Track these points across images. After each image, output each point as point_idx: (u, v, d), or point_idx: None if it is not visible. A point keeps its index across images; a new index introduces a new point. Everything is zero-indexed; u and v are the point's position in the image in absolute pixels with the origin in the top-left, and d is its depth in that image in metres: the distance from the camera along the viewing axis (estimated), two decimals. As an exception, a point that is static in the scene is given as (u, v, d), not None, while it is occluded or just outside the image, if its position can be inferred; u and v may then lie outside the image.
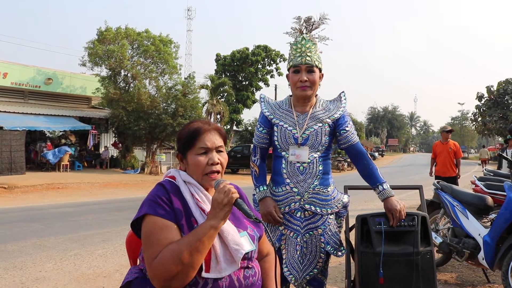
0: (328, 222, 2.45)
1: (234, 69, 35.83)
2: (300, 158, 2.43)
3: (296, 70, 2.45)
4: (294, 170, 2.44)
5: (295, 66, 2.45)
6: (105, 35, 21.37)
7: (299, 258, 2.40)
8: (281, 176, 2.47)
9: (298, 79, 2.43)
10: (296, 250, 2.39)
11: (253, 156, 2.62)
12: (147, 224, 1.50)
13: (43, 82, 20.96)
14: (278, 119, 2.51)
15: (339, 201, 2.51)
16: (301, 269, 2.40)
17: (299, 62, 2.43)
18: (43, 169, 19.18)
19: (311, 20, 2.55)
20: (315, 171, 2.44)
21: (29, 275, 4.52)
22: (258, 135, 2.57)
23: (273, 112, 2.54)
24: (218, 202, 1.48)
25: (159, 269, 1.41)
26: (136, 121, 20.40)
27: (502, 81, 37.02)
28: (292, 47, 2.51)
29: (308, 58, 2.43)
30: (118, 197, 12.50)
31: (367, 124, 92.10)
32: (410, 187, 3.67)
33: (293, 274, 2.38)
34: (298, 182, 2.42)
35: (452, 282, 4.36)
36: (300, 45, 2.47)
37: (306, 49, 2.45)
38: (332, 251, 2.44)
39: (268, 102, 2.61)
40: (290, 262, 2.40)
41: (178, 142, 1.69)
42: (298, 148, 2.44)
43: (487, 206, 4.19)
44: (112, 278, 4.45)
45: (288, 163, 2.45)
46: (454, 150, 8.35)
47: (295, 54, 2.47)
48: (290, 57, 2.50)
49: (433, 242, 2.70)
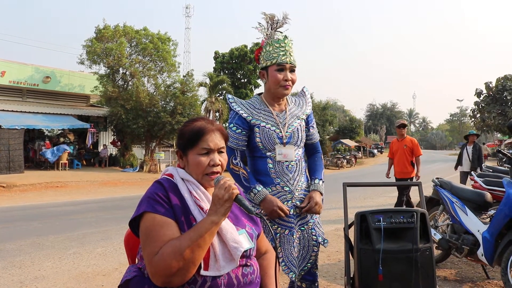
0: (315, 215, 2.51)
1: (232, 66, 35.80)
2: (287, 157, 2.44)
3: (281, 68, 2.43)
4: (283, 169, 2.43)
5: (280, 64, 2.43)
6: (103, 33, 21.35)
7: (297, 254, 2.42)
8: (269, 176, 2.44)
9: (282, 78, 2.42)
10: (293, 246, 2.40)
11: (233, 159, 2.45)
12: (146, 221, 1.49)
13: (41, 81, 20.92)
14: (258, 120, 2.46)
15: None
16: (299, 264, 2.42)
17: (285, 61, 2.43)
18: (41, 167, 19.19)
19: (275, 18, 2.55)
20: (301, 168, 2.50)
21: (28, 274, 4.51)
22: (236, 138, 2.45)
23: (249, 113, 2.48)
24: (219, 198, 1.48)
25: (160, 265, 1.41)
26: (135, 119, 20.40)
27: (501, 78, 37.05)
28: (274, 44, 2.47)
29: (292, 58, 2.46)
30: (117, 196, 12.50)
31: (366, 121, 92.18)
32: (409, 183, 3.68)
33: (292, 271, 2.40)
34: (288, 180, 2.43)
35: (451, 279, 4.36)
36: (283, 44, 2.47)
37: (290, 48, 2.47)
38: (322, 242, 2.50)
39: (241, 103, 2.54)
40: (289, 260, 2.40)
41: (179, 139, 1.68)
42: (284, 147, 2.44)
43: (486, 202, 4.19)
44: (111, 277, 4.45)
45: (275, 163, 2.44)
46: (410, 148, 7.43)
47: (278, 52, 2.44)
48: (272, 54, 2.45)
49: (432, 239, 2.71)
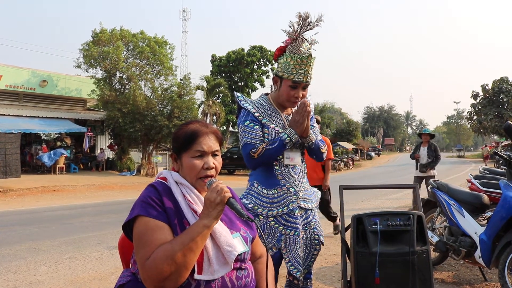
0: (315, 215, 2.55)
1: (229, 70, 35.86)
2: (294, 160, 2.46)
3: (295, 86, 2.40)
4: (288, 171, 2.46)
5: (295, 82, 2.38)
6: (100, 37, 21.34)
7: (302, 254, 2.45)
8: (275, 178, 2.45)
9: (293, 95, 2.41)
10: (299, 247, 2.43)
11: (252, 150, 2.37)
12: (139, 225, 1.48)
13: (38, 85, 20.88)
14: (269, 120, 2.47)
15: (317, 194, 2.63)
16: (302, 263, 2.45)
17: (301, 80, 2.37)
18: (38, 172, 19.12)
19: (308, 19, 2.42)
20: (303, 170, 2.54)
21: (23, 279, 4.48)
22: (253, 133, 2.41)
23: (260, 113, 2.48)
24: (210, 201, 1.47)
25: (152, 269, 1.39)
26: (132, 122, 20.36)
27: (497, 80, 37.23)
28: (296, 59, 2.37)
29: (309, 78, 2.40)
30: (114, 199, 12.44)
31: (363, 123, 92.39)
32: (406, 186, 3.67)
33: (299, 270, 2.42)
34: (293, 182, 2.45)
35: (449, 281, 4.35)
36: (305, 61, 2.37)
37: (310, 67, 2.39)
38: (323, 241, 2.54)
39: (251, 102, 2.53)
40: (295, 259, 2.42)
41: (174, 142, 1.67)
42: (291, 151, 2.46)
43: (483, 204, 4.19)
44: (107, 281, 4.42)
45: (282, 165, 2.46)
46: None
47: (297, 69, 2.37)
48: (291, 69, 2.37)
49: (429, 241, 2.69)
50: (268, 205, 2.44)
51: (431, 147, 8.32)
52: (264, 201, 2.44)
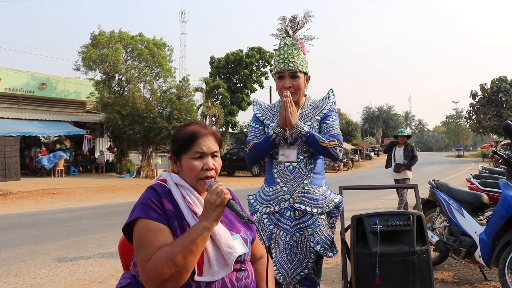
0: (318, 222, 2.42)
1: (228, 71, 35.85)
2: (289, 158, 2.46)
3: (280, 76, 2.48)
4: (284, 169, 2.47)
5: (278, 72, 2.49)
6: (98, 39, 21.33)
7: (288, 257, 2.39)
8: (272, 175, 2.51)
9: (282, 86, 2.47)
10: (285, 249, 2.39)
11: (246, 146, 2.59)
12: (140, 227, 1.48)
13: (37, 87, 20.85)
14: (269, 120, 2.58)
15: (331, 201, 2.48)
16: (291, 268, 2.38)
17: (282, 68, 2.46)
18: (38, 174, 19.11)
19: (296, 19, 2.54)
20: (304, 170, 2.46)
21: (23, 282, 4.48)
22: (254, 132, 2.59)
23: (264, 114, 2.62)
24: (210, 203, 1.47)
25: (152, 271, 1.39)
26: (131, 125, 20.35)
27: (496, 79, 37.28)
28: (275, 53, 2.53)
29: (291, 65, 2.44)
30: (114, 202, 12.44)
31: (362, 124, 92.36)
32: (406, 186, 3.67)
33: (281, 273, 2.37)
34: (288, 181, 2.44)
35: (449, 281, 4.35)
36: (282, 51, 2.48)
37: (289, 55, 2.46)
38: (322, 251, 2.40)
39: (260, 105, 2.68)
40: (279, 261, 2.39)
41: (173, 144, 1.68)
42: (288, 148, 2.47)
43: (482, 203, 4.19)
44: (107, 283, 4.42)
45: (277, 163, 2.49)
46: None
47: (278, 60, 2.49)
48: (275, 63, 2.53)
49: (429, 241, 2.69)
50: (264, 202, 2.49)
51: (408, 147, 8.08)
52: (263, 198, 2.51)
